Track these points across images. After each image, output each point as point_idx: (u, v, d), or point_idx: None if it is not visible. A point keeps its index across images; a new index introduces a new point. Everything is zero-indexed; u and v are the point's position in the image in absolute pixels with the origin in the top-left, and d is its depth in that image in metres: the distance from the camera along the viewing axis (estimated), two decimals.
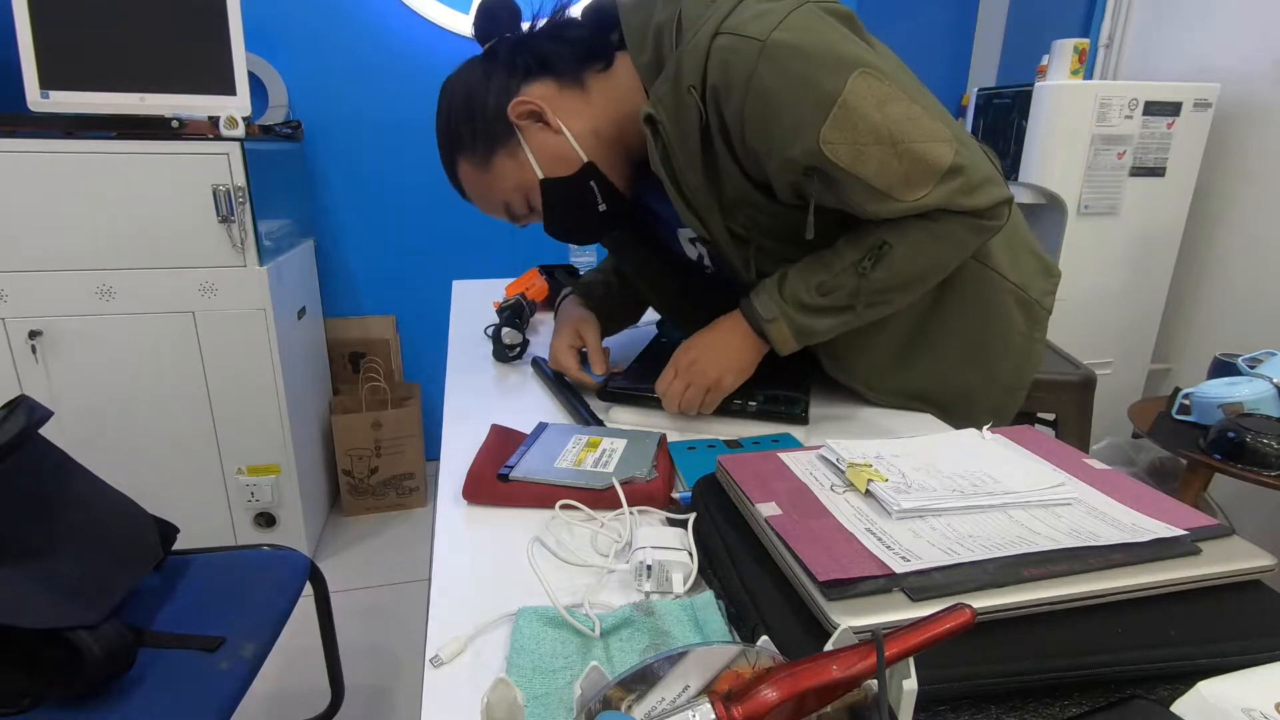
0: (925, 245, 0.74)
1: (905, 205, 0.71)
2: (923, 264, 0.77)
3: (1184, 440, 1.54)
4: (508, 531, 0.62)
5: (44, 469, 1.00)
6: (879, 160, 0.69)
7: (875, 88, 0.68)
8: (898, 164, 0.69)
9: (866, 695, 0.33)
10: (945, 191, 0.71)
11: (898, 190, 0.70)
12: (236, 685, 0.93)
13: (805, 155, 0.69)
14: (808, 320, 0.78)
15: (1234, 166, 2.11)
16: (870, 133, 0.68)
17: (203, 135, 1.60)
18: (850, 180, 0.70)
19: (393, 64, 2.15)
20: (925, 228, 0.73)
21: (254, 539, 1.87)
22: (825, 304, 0.77)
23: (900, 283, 0.77)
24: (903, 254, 0.74)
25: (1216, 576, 0.47)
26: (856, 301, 0.77)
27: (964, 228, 0.74)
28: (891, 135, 0.68)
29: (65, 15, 1.56)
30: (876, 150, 0.68)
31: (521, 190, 0.81)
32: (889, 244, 0.74)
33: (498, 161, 0.79)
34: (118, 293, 1.62)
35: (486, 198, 0.84)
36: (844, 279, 0.76)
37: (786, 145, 0.70)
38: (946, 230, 0.74)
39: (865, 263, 0.75)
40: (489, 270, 2.37)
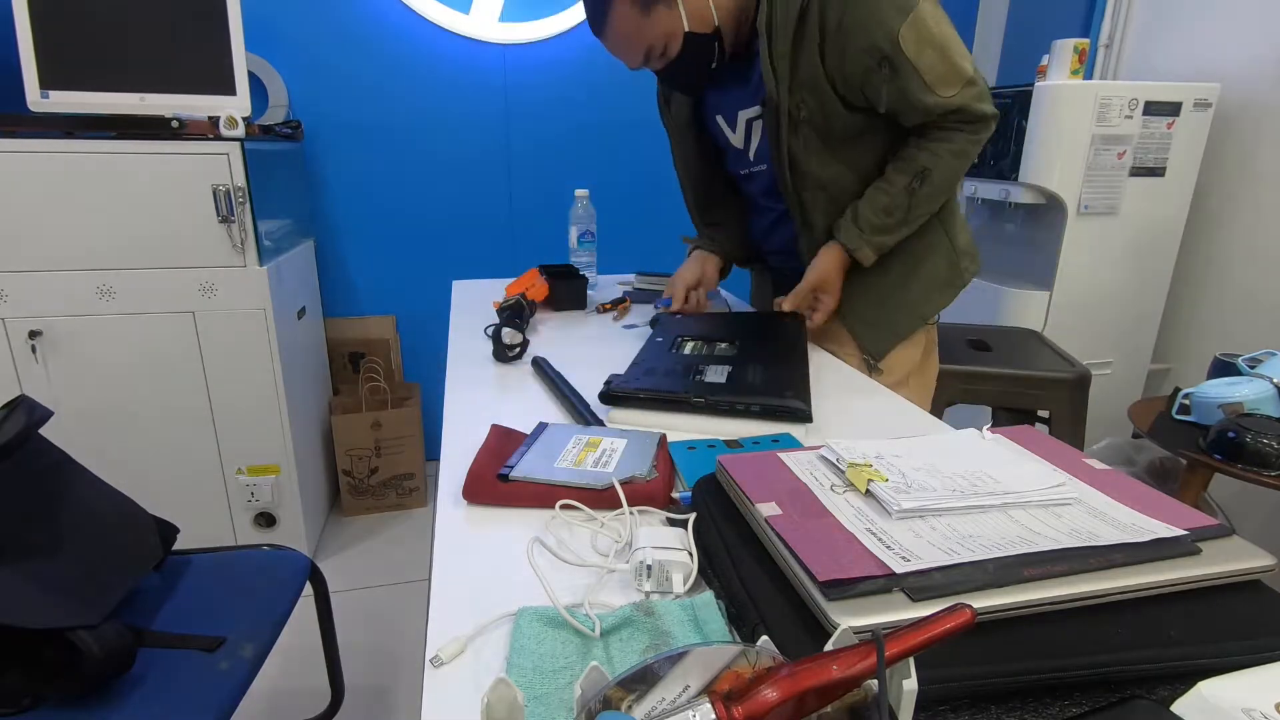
0: (953, 163, 1.02)
1: (939, 99, 0.97)
2: (950, 178, 1.04)
3: (1184, 440, 1.54)
4: (508, 531, 0.62)
5: (44, 469, 1.00)
6: (931, 59, 0.96)
7: (935, 11, 0.97)
8: (941, 66, 0.96)
9: (866, 695, 0.33)
10: (966, 95, 0.98)
11: (939, 85, 0.97)
12: (236, 685, 0.93)
13: (886, 41, 0.95)
14: (880, 238, 1.07)
15: (1234, 166, 2.11)
16: (929, 38, 0.95)
17: (203, 135, 1.60)
18: (909, 70, 0.96)
19: (393, 64, 2.15)
20: (947, 149, 1.01)
21: (254, 539, 1.87)
22: (890, 222, 1.06)
23: (936, 194, 1.05)
24: (940, 172, 1.02)
25: (1216, 576, 0.47)
26: (909, 214, 1.06)
27: (972, 142, 1.01)
28: (942, 44, 0.96)
29: (65, 15, 1.56)
30: (930, 52, 0.96)
31: (667, 38, 1.02)
32: (928, 168, 1.02)
33: (657, 10, 1.00)
34: (118, 293, 1.62)
35: (635, 38, 1.03)
36: (900, 199, 1.04)
37: (873, 31, 0.94)
38: (963, 148, 1.01)
39: (914, 183, 1.03)
40: (489, 270, 2.37)
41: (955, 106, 0.98)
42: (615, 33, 1.02)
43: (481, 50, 2.19)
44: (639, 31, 1.01)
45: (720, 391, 0.85)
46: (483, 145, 2.29)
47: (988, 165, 2.19)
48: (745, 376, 0.90)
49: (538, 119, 2.30)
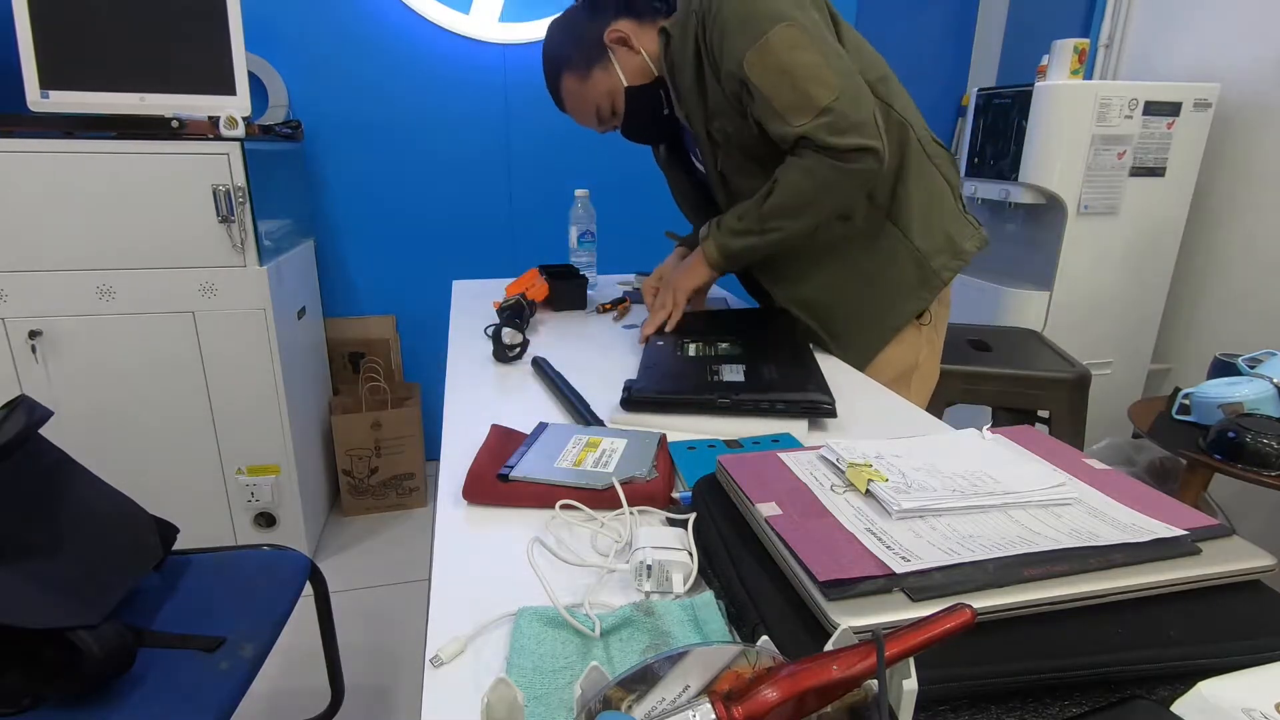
0: (798, 179, 0.98)
1: (790, 129, 0.95)
2: (800, 194, 0.99)
3: (1184, 440, 1.54)
4: (508, 531, 0.62)
5: (44, 469, 1.00)
6: (777, 86, 0.94)
7: (792, 37, 0.93)
8: (790, 94, 0.93)
9: (866, 695, 0.33)
10: (815, 125, 0.93)
11: (789, 114, 0.94)
12: (236, 685, 0.93)
13: (736, 68, 0.95)
14: (726, 239, 1.06)
15: (1234, 166, 2.11)
16: (776, 65, 0.93)
17: (203, 135, 1.60)
18: (761, 96, 0.95)
19: (393, 64, 2.15)
20: (797, 165, 0.97)
21: (254, 539, 1.87)
22: (740, 227, 1.04)
23: (785, 209, 1.00)
24: (784, 185, 0.99)
25: (1216, 576, 0.47)
26: (758, 224, 1.02)
27: (827, 166, 0.95)
28: (790, 72, 0.93)
29: (65, 15, 1.56)
30: (778, 79, 0.93)
31: (610, 96, 1.10)
32: (776, 179, 1.00)
33: (595, 74, 1.08)
34: (118, 293, 1.63)
35: (583, 104, 1.11)
36: (751, 207, 1.03)
37: (729, 58, 0.96)
38: (813, 167, 0.96)
39: (763, 194, 1.01)
40: (489, 270, 2.37)
41: (801, 135, 0.95)
42: (566, 102, 1.13)
43: (481, 50, 2.19)
44: (584, 96, 1.10)
45: (742, 390, 0.84)
46: (483, 145, 2.29)
47: (988, 165, 2.19)
48: (762, 374, 0.90)
49: (538, 119, 2.30)
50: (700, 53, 1.00)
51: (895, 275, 1.11)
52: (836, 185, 0.98)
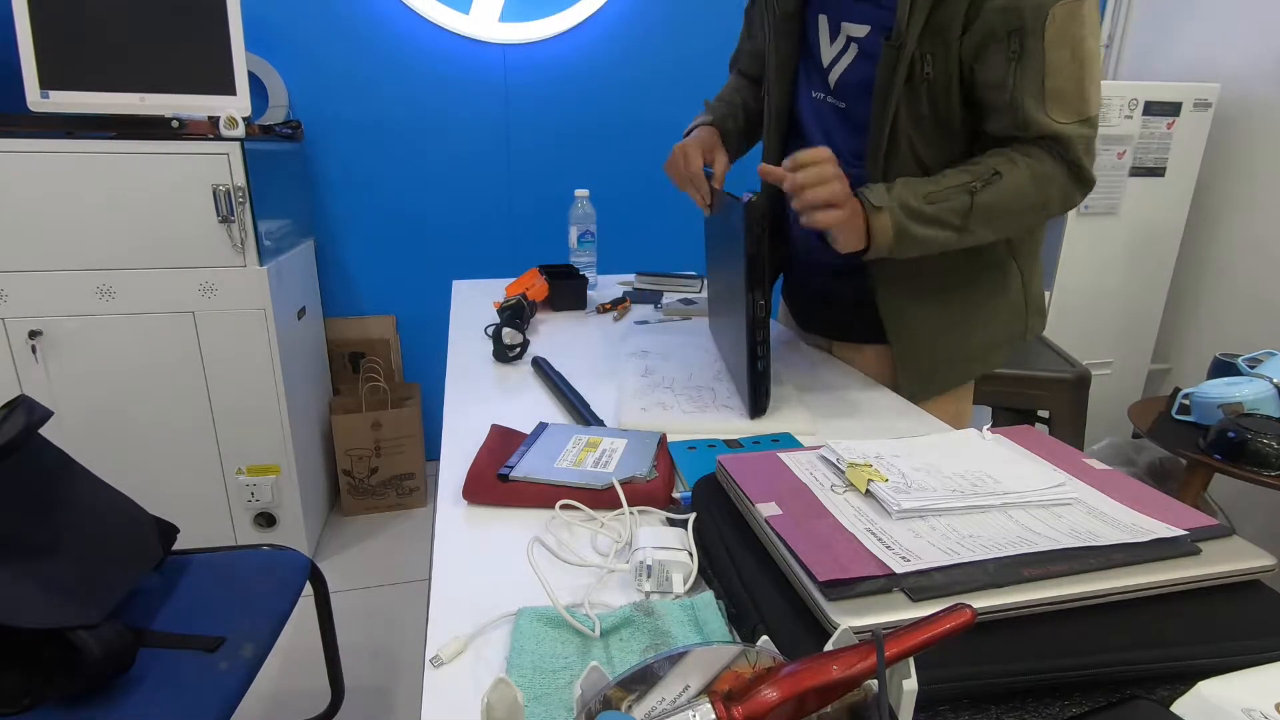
0: (1027, 184, 0.81)
1: (1046, 120, 0.79)
2: (1021, 200, 0.83)
3: (1184, 440, 1.54)
4: (508, 531, 0.62)
5: (44, 469, 1.00)
6: (1064, 65, 0.77)
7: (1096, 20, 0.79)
8: (1070, 83, 0.78)
9: (866, 695, 0.33)
10: (1076, 131, 0.80)
11: (1053, 101, 0.78)
12: (236, 685, 0.93)
13: (1031, 12, 0.76)
14: (910, 223, 0.82)
15: (1234, 166, 2.11)
16: (1078, 44, 0.77)
17: (203, 135, 1.60)
18: (1035, 61, 0.77)
19: (393, 64, 2.15)
20: (1031, 167, 0.81)
21: (254, 539, 1.87)
22: (930, 213, 0.82)
23: (1000, 212, 0.83)
24: (1010, 184, 0.81)
25: (1216, 576, 0.47)
26: (962, 219, 0.82)
27: (1060, 180, 0.82)
28: (1083, 59, 0.78)
29: (65, 15, 1.56)
30: (1069, 58, 0.77)
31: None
32: (1000, 173, 0.81)
33: None
34: (118, 293, 1.62)
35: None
36: (954, 195, 0.82)
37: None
38: (1049, 175, 0.82)
39: (976, 184, 0.81)
40: (489, 270, 2.37)
41: (1055, 134, 0.79)
42: None
43: (481, 50, 2.19)
44: None
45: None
46: (483, 145, 2.29)
47: None
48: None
49: (538, 119, 2.30)
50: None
51: (994, 313, 0.97)
52: (1052, 208, 0.84)
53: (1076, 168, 0.82)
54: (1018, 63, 0.78)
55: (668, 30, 2.30)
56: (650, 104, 2.35)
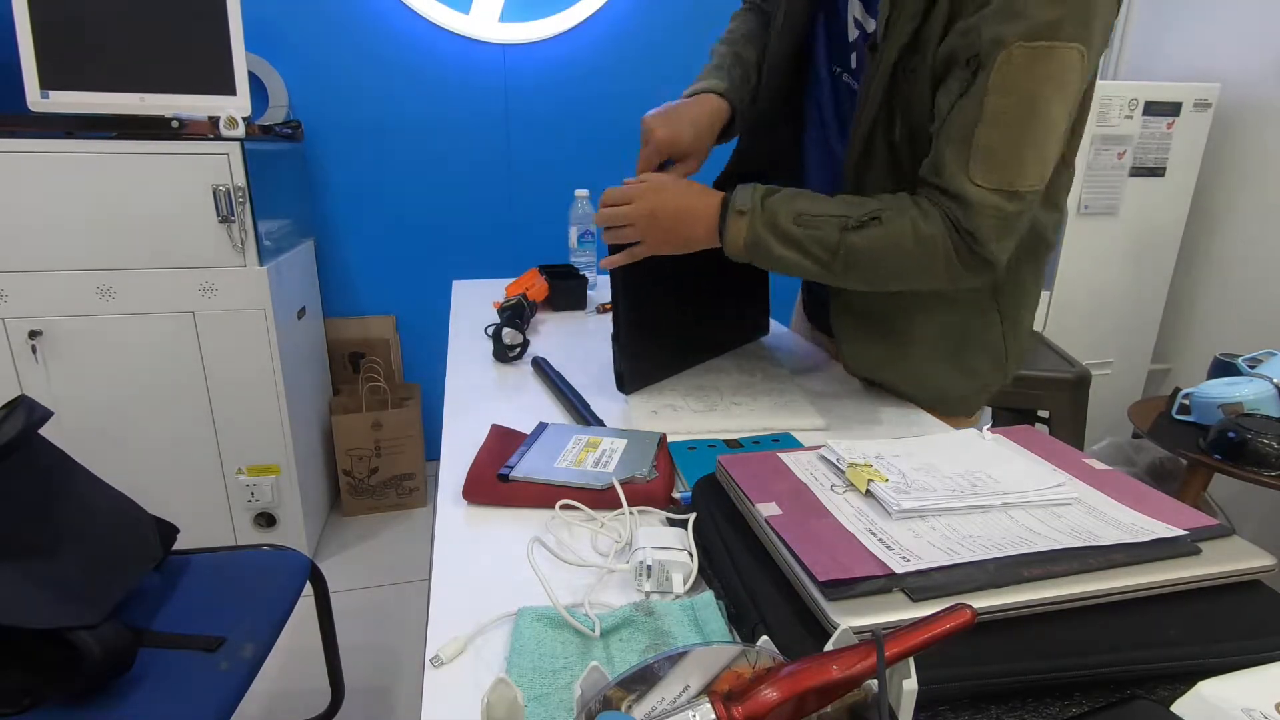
0: (906, 239, 0.71)
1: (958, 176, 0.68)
2: (896, 256, 0.73)
3: (1184, 440, 1.54)
4: (508, 531, 0.62)
5: (44, 469, 1.00)
6: (1004, 118, 0.65)
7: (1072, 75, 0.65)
8: (1004, 142, 0.66)
9: (866, 695, 0.33)
10: (989, 201, 0.68)
11: (976, 157, 0.67)
12: (236, 685, 0.93)
13: (988, 42, 0.64)
14: (768, 237, 0.75)
15: (1234, 166, 2.11)
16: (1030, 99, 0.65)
17: (203, 135, 1.60)
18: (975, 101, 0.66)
19: (393, 64, 2.15)
20: (916, 224, 0.71)
21: (254, 539, 1.87)
22: (795, 234, 0.74)
23: (869, 261, 0.74)
24: (887, 234, 0.72)
25: (1216, 576, 0.47)
26: (829, 255, 0.74)
27: (945, 251, 0.71)
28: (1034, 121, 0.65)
29: (65, 15, 1.56)
30: (1014, 112, 0.65)
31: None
32: (879, 219, 0.72)
33: None
34: (118, 293, 1.62)
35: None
36: (826, 226, 0.74)
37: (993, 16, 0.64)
38: (932, 239, 0.71)
39: (851, 220, 0.73)
40: (489, 270, 2.37)
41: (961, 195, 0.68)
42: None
43: (481, 50, 2.19)
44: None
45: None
46: (483, 145, 2.29)
47: None
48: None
49: (538, 119, 2.30)
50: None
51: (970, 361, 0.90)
52: (931, 274, 0.74)
53: (970, 239, 0.69)
54: (964, 100, 0.67)
55: (668, 30, 2.30)
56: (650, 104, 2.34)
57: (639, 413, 0.84)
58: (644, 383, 0.92)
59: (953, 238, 0.70)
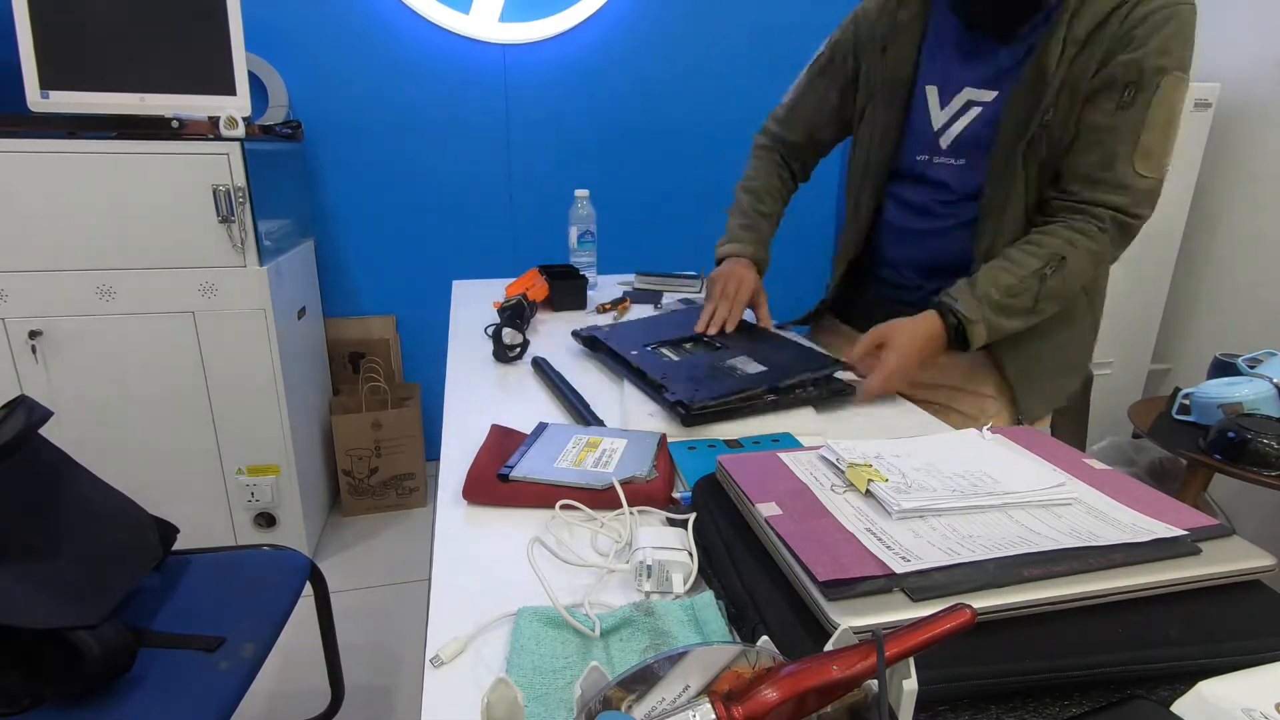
0: (1085, 263, 0.90)
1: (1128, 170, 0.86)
2: (1080, 279, 0.92)
3: (1184, 440, 1.54)
4: (508, 531, 0.62)
5: (44, 469, 1.00)
6: (1159, 126, 0.86)
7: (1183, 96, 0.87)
8: (1158, 143, 0.86)
9: (866, 695, 0.33)
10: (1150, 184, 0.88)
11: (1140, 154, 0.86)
12: (236, 685, 0.93)
13: (1152, 71, 0.84)
14: (999, 319, 0.92)
15: (1234, 166, 2.11)
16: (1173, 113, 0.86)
17: (203, 135, 1.60)
18: (1135, 118, 0.85)
19: (393, 64, 2.15)
20: (1089, 249, 0.89)
21: (254, 539, 1.87)
22: (1012, 305, 0.91)
23: (1064, 291, 0.92)
24: (1073, 269, 0.90)
25: (1216, 576, 0.47)
26: (1035, 303, 0.92)
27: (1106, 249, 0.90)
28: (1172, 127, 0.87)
29: (65, 15, 1.56)
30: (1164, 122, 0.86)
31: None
32: (1064, 257, 0.90)
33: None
34: (118, 293, 1.62)
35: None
36: (1029, 283, 0.90)
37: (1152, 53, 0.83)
38: (1099, 252, 0.90)
39: (1046, 270, 0.90)
40: (489, 270, 2.37)
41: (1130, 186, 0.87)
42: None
43: (481, 50, 2.19)
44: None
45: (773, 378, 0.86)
46: (483, 145, 2.29)
47: None
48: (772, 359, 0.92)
49: (538, 119, 2.30)
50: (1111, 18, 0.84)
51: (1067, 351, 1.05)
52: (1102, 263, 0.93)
53: (1134, 218, 0.89)
54: (1125, 112, 0.86)
55: (668, 30, 2.30)
56: (650, 104, 2.36)
57: (635, 414, 0.84)
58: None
59: (1110, 234, 0.90)
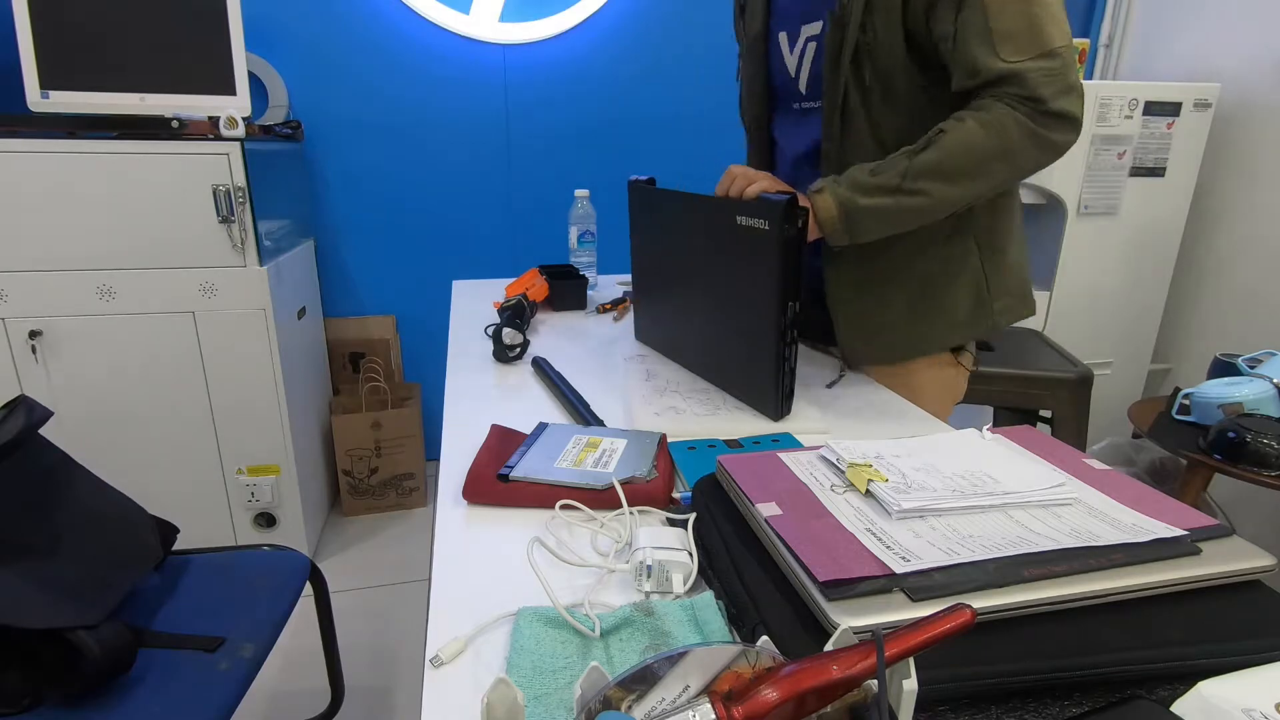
0: (975, 133, 0.78)
1: (996, 61, 0.76)
2: (972, 153, 0.79)
3: (1184, 440, 1.54)
4: (508, 531, 0.62)
5: (44, 469, 1.00)
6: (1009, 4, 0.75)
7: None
8: (1019, 19, 0.75)
9: (866, 695, 0.33)
10: (1034, 67, 0.75)
11: (1002, 41, 0.76)
12: (236, 685, 0.93)
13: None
14: (851, 195, 0.82)
15: (1234, 166, 2.11)
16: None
17: (203, 135, 1.60)
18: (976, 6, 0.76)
19: (393, 64, 2.15)
20: (979, 118, 0.78)
21: (254, 539, 1.87)
22: (872, 182, 0.82)
23: (944, 169, 0.79)
24: (955, 138, 0.79)
25: (1216, 576, 0.47)
26: (902, 181, 0.80)
27: (1019, 122, 0.76)
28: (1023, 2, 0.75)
29: (65, 15, 1.56)
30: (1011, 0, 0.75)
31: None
32: (943, 130, 0.79)
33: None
34: (118, 293, 1.62)
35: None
36: (895, 161, 0.82)
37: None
38: (1002, 122, 0.77)
39: (917, 147, 0.81)
40: (489, 270, 2.37)
41: (1009, 72, 0.75)
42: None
43: (481, 50, 2.19)
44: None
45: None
46: (483, 145, 2.29)
47: None
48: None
49: (538, 119, 2.30)
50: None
51: (950, 298, 0.95)
52: (1021, 153, 0.78)
53: (1036, 102, 0.76)
54: (960, 11, 0.77)
55: (668, 30, 2.29)
56: (650, 103, 2.35)
57: (640, 414, 0.84)
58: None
59: (1021, 109, 0.77)
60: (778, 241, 0.74)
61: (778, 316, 0.77)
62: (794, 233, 0.74)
